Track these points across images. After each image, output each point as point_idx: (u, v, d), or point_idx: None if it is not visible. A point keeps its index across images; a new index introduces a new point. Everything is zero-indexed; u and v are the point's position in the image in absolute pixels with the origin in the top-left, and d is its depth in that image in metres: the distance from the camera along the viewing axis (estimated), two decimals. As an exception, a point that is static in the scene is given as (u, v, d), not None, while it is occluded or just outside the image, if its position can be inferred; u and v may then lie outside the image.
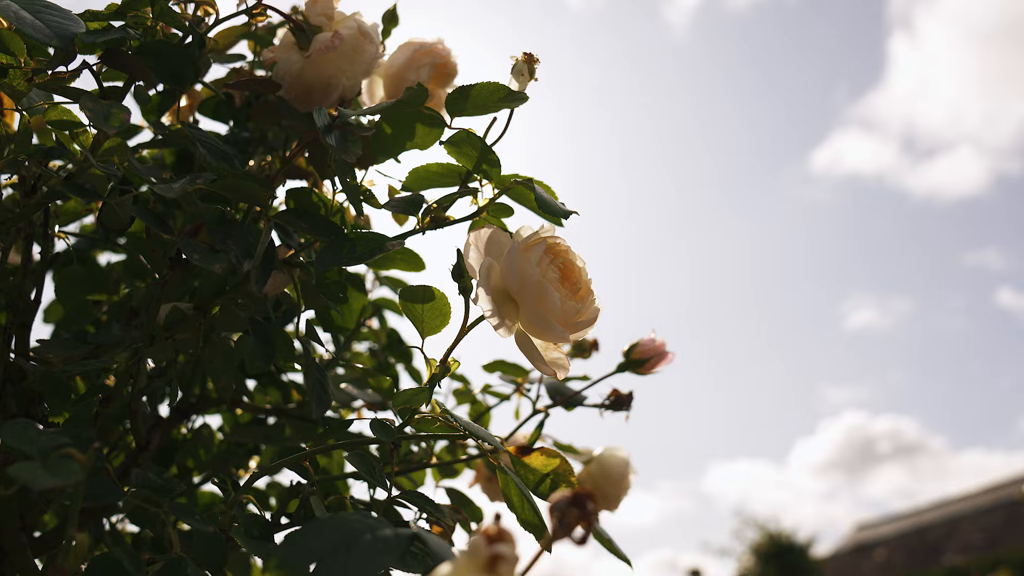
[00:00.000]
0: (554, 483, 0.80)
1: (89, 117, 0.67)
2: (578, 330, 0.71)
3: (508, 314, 0.70)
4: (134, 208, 0.70)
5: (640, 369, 1.03)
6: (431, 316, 0.73)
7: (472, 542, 0.42)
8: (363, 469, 0.70)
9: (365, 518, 0.56)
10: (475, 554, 0.42)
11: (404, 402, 0.68)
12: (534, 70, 0.77)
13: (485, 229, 0.71)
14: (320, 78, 0.85)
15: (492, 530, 0.43)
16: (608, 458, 1.16)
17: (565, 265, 0.71)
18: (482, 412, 1.17)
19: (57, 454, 0.57)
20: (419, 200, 0.80)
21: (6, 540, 0.78)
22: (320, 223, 0.77)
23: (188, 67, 0.78)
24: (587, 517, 0.44)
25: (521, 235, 0.71)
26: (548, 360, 0.72)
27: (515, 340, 0.71)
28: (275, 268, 0.81)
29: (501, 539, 0.42)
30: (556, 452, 0.79)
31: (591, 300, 0.72)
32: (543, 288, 0.67)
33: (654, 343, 1.03)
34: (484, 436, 0.71)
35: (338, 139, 0.81)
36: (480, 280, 0.68)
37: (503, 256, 0.69)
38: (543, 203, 0.73)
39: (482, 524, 1.13)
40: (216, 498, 1.12)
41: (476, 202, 0.79)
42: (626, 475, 1.16)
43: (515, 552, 0.42)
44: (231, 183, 0.73)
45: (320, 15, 0.86)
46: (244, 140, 0.99)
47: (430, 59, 0.93)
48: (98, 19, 0.77)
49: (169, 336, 0.78)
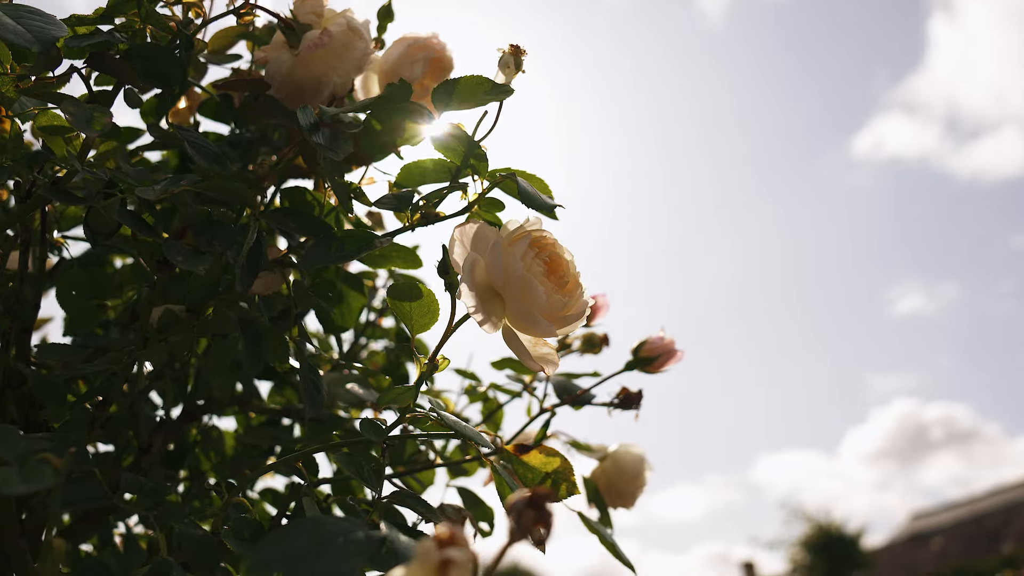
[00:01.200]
0: (554, 482, 0.79)
1: (70, 122, 0.67)
2: (566, 324, 0.70)
3: (494, 310, 0.68)
4: (118, 212, 0.70)
5: (648, 367, 1.01)
6: (420, 313, 0.72)
7: (422, 546, 0.41)
8: (352, 470, 0.69)
9: (341, 521, 0.55)
10: (426, 559, 0.41)
11: (389, 401, 0.67)
12: (521, 62, 0.75)
13: (471, 224, 0.70)
14: (310, 76, 0.85)
15: (444, 534, 0.41)
16: (623, 455, 1.14)
17: (552, 259, 0.69)
18: (494, 410, 1.16)
19: (34, 459, 0.57)
20: (410, 197, 0.79)
21: (7, 543, 0.79)
22: (308, 222, 0.77)
23: (175, 69, 0.77)
24: (544, 519, 0.42)
25: (508, 229, 0.70)
26: (536, 356, 0.71)
27: (502, 336, 0.70)
28: (267, 269, 0.80)
29: (453, 543, 0.41)
30: (555, 451, 0.78)
31: (579, 294, 0.71)
32: (527, 282, 0.66)
33: (663, 341, 1.01)
34: (472, 436, 0.69)
35: (327, 137, 0.80)
36: (463, 276, 0.66)
37: (487, 251, 0.68)
38: (527, 196, 0.71)
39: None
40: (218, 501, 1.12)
41: (466, 197, 0.78)
42: (641, 472, 1.14)
43: (468, 556, 0.41)
44: (217, 184, 0.73)
45: (310, 13, 0.85)
46: (247, 140, 0.99)
47: (424, 54, 0.92)
48: (85, 23, 0.77)
49: (162, 339, 0.77)
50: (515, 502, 0.43)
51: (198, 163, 0.76)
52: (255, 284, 0.80)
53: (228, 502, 0.74)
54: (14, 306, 0.82)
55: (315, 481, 0.80)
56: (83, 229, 0.71)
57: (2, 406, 0.80)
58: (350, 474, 0.68)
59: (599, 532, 0.91)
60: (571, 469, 0.78)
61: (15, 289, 0.82)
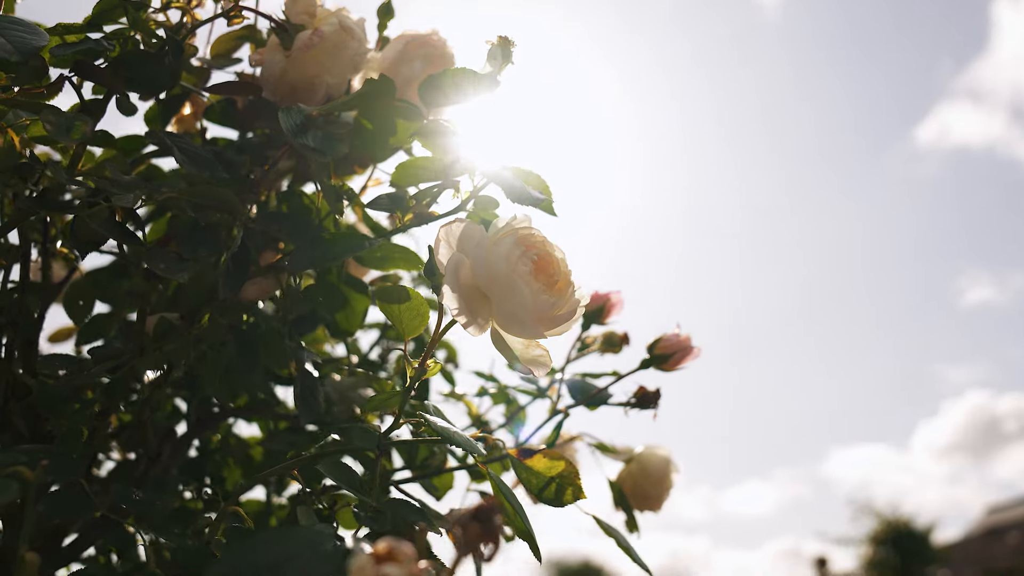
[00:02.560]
0: (559, 487, 0.76)
1: (49, 131, 0.67)
2: (556, 325, 0.67)
3: (480, 311, 0.66)
4: (99, 221, 0.69)
5: (664, 365, 0.98)
6: (409, 316, 0.70)
7: (357, 563, 0.39)
8: (340, 479, 0.67)
9: (311, 531, 0.54)
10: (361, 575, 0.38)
11: (373, 408, 0.65)
12: (510, 53, 0.73)
13: (457, 223, 0.68)
14: (303, 77, 0.83)
15: (382, 549, 0.39)
16: (648, 457, 1.11)
17: (540, 257, 0.66)
18: (515, 412, 1.14)
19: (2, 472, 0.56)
20: (403, 197, 0.77)
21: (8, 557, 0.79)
22: (297, 225, 0.75)
23: (163, 74, 0.77)
24: (490, 533, 0.40)
25: (496, 227, 0.67)
26: (527, 358, 0.69)
27: (490, 338, 0.67)
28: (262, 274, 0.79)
29: (391, 559, 0.39)
30: (560, 454, 0.75)
31: (570, 293, 0.68)
32: (512, 282, 0.63)
33: (678, 338, 0.97)
34: (463, 443, 0.67)
35: (319, 139, 0.79)
36: (447, 277, 0.64)
37: (472, 250, 0.66)
38: (511, 191, 0.69)
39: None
40: (261, 505, 1.11)
41: (458, 195, 0.76)
42: (667, 474, 1.11)
43: (407, 572, 0.39)
44: (202, 190, 0.72)
45: (302, 13, 0.84)
46: (256, 145, 0.98)
47: (423, 51, 0.90)
48: (73, 32, 0.77)
49: (157, 347, 0.77)
50: (460, 516, 0.40)
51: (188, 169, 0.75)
52: (249, 290, 0.79)
53: (223, 512, 0.73)
54: (17, 317, 0.82)
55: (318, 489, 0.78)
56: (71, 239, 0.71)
57: (6, 417, 0.80)
58: (336, 483, 0.66)
59: (615, 535, 0.89)
60: (576, 473, 0.76)
61: (17, 300, 0.82)
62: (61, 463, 0.65)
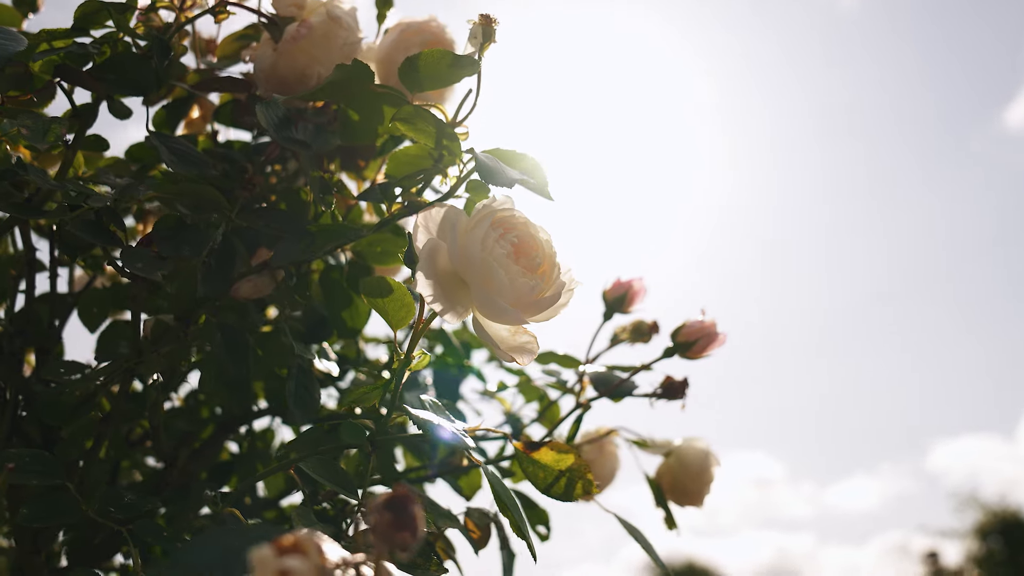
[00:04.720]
0: (569, 481, 0.73)
1: (24, 136, 0.67)
2: (540, 310, 0.63)
3: (459, 299, 0.63)
4: (80, 224, 0.69)
5: (688, 352, 0.94)
6: (395, 308, 0.67)
7: (258, 555, 0.36)
8: (329, 478, 0.65)
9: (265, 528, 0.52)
10: (262, 568, 0.36)
11: (351, 402, 0.63)
12: (491, 32, 0.70)
13: (437, 208, 0.65)
14: (293, 70, 0.82)
15: (286, 541, 0.37)
16: (687, 450, 1.07)
17: (520, 239, 0.63)
18: (547, 405, 1.10)
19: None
20: (393, 187, 0.75)
21: (24, 561, 0.79)
22: (284, 219, 0.74)
23: (147, 76, 0.76)
24: (405, 523, 0.37)
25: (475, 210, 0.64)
26: (511, 346, 0.65)
27: (472, 326, 0.65)
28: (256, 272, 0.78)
29: (296, 551, 0.36)
30: (568, 447, 0.72)
31: (555, 275, 0.64)
32: (487, 266, 0.60)
33: (702, 324, 0.93)
34: (452, 441, 0.64)
35: (309, 132, 0.77)
36: (421, 263, 0.61)
37: (448, 234, 0.63)
38: (487, 173, 0.65)
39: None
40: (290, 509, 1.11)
41: (445, 181, 0.73)
42: (708, 468, 1.06)
43: (312, 565, 0.36)
44: (186, 188, 0.71)
45: (291, 5, 0.82)
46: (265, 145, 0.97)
47: (420, 38, 0.88)
48: (58, 37, 0.76)
49: (155, 350, 0.76)
50: (374, 505, 0.37)
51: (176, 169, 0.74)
52: (243, 288, 0.77)
53: (219, 515, 0.71)
54: (25, 326, 0.83)
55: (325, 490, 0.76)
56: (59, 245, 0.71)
57: (17, 425, 0.81)
58: (322, 481, 0.64)
59: (636, 534, 0.85)
60: (587, 466, 0.72)
61: (24, 309, 0.83)
62: (43, 466, 0.64)
